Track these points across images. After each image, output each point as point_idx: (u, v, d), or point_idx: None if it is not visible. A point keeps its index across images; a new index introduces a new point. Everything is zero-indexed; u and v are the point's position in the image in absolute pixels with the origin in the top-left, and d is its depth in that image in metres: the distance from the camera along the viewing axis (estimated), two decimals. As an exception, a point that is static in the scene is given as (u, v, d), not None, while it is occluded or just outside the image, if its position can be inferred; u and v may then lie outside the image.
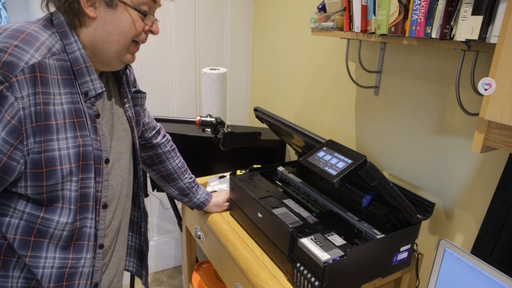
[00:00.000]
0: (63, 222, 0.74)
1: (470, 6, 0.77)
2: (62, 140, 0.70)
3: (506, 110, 0.65)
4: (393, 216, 1.03)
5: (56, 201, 0.73)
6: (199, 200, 1.24)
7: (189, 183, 1.20)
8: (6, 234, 0.71)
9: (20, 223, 0.71)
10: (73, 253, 0.78)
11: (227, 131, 1.30)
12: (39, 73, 0.65)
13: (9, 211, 0.71)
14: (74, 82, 0.72)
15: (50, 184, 0.70)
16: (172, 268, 2.34)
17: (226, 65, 2.13)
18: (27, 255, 0.73)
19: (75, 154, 0.72)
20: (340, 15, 1.15)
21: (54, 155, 0.69)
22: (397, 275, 1.07)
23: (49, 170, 0.69)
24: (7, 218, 0.71)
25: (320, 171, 0.86)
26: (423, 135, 1.18)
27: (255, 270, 1.03)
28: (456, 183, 1.09)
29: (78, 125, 0.73)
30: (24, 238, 0.72)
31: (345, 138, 1.51)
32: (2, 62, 0.61)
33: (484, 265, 0.86)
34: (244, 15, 2.08)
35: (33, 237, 0.73)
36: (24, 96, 0.64)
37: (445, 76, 1.08)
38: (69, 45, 0.71)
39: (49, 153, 0.69)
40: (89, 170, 0.75)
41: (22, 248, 0.73)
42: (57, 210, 0.73)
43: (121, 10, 0.73)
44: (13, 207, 0.71)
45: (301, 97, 1.76)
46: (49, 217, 0.73)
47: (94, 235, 0.80)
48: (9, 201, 0.70)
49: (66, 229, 0.75)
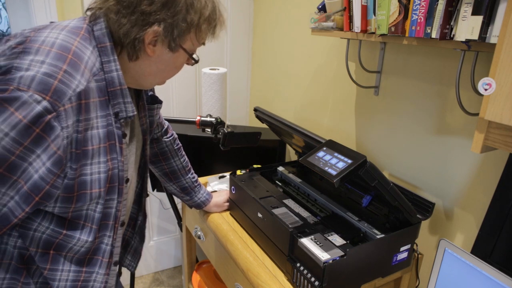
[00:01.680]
0: (83, 239, 0.74)
1: (470, 6, 0.77)
2: (95, 165, 0.69)
3: (506, 110, 0.65)
4: (393, 216, 1.03)
5: (80, 220, 0.73)
6: (199, 200, 1.24)
7: (192, 182, 1.21)
8: (29, 247, 0.71)
9: (42, 236, 0.71)
10: (86, 267, 0.78)
11: (227, 131, 1.30)
12: (84, 100, 0.64)
13: (33, 225, 0.70)
14: (108, 103, 0.70)
15: (78, 206, 0.70)
16: (172, 268, 2.34)
17: (226, 65, 2.13)
18: (46, 268, 0.73)
19: (105, 178, 0.72)
20: (340, 15, 1.15)
21: (86, 179, 0.68)
22: (397, 275, 1.07)
23: (79, 193, 0.69)
24: (31, 232, 0.71)
25: (320, 171, 0.86)
26: (423, 135, 1.18)
27: (255, 270, 1.03)
28: (456, 183, 1.09)
29: (110, 149, 0.72)
30: (44, 251, 0.72)
31: (345, 138, 1.51)
32: (52, 90, 0.58)
33: (484, 265, 0.86)
34: (244, 15, 2.08)
35: (52, 250, 0.73)
36: (69, 125, 0.62)
37: (445, 76, 1.08)
38: (107, 64, 0.69)
39: (82, 177, 0.68)
40: (113, 191, 0.75)
41: (42, 262, 0.73)
42: (79, 227, 0.73)
43: (178, 54, 0.74)
44: (38, 222, 0.70)
45: (301, 97, 1.76)
46: (71, 234, 0.73)
47: (110, 252, 0.80)
48: (35, 217, 0.70)
49: (85, 246, 0.75)
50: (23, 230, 0.70)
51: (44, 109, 0.57)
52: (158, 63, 0.73)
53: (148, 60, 0.72)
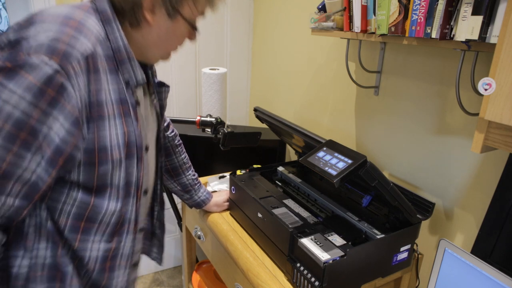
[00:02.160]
0: (111, 208, 0.76)
1: (470, 6, 0.77)
2: (112, 129, 0.71)
3: (506, 110, 0.65)
4: (393, 216, 1.03)
5: (106, 188, 0.75)
6: (199, 198, 1.24)
7: (192, 180, 1.21)
8: (58, 220, 0.74)
9: (72, 209, 0.74)
10: (116, 237, 0.81)
11: (227, 131, 1.30)
12: (92, 63, 0.66)
13: (61, 198, 0.73)
14: (117, 70, 0.73)
15: (101, 172, 0.72)
16: (172, 268, 2.34)
17: (226, 65, 2.13)
18: (77, 238, 0.76)
19: (123, 141, 0.74)
20: (340, 15, 1.15)
21: (106, 143, 0.71)
22: (397, 275, 1.07)
23: (101, 158, 0.71)
24: (60, 204, 0.73)
25: (320, 171, 0.86)
26: (423, 135, 1.18)
27: (255, 270, 1.03)
28: (456, 183, 1.09)
29: (124, 114, 0.74)
30: (75, 223, 0.75)
31: (345, 138, 1.51)
32: (60, 52, 0.61)
33: (484, 265, 0.86)
34: (244, 15, 2.08)
35: (83, 222, 0.75)
36: (81, 86, 0.64)
37: (445, 76, 1.08)
38: (112, 33, 0.71)
39: (101, 141, 0.70)
40: (132, 157, 0.77)
41: (72, 232, 0.75)
42: (106, 195, 0.75)
43: (178, 22, 0.75)
44: (65, 193, 0.73)
45: (301, 97, 1.76)
46: (99, 204, 0.75)
47: (134, 220, 0.83)
48: (62, 189, 0.72)
49: (115, 215, 0.78)
50: (53, 202, 0.72)
51: (54, 71, 0.60)
52: (159, 31, 0.75)
53: (149, 29, 0.74)
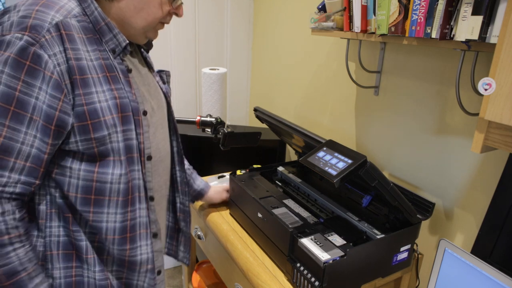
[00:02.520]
0: (117, 174, 0.77)
1: (470, 6, 0.77)
2: (100, 93, 0.73)
3: (506, 110, 0.65)
4: (393, 216, 1.03)
5: (107, 156, 0.76)
6: (199, 187, 1.24)
7: (188, 169, 1.21)
8: (68, 193, 0.75)
9: (79, 182, 0.75)
10: (130, 206, 0.81)
11: (227, 131, 1.30)
12: (64, 31, 0.69)
13: (66, 171, 0.75)
14: (100, 41, 0.75)
15: (98, 137, 0.73)
16: (172, 268, 2.34)
17: (226, 65, 2.13)
18: (90, 211, 0.77)
19: (114, 105, 0.75)
20: (340, 15, 1.15)
21: (96, 107, 0.72)
22: (397, 275, 1.07)
23: (94, 122, 0.73)
24: (67, 178, 0.75)
25: (320, 171, 0.86)
26: (423, 135, 1.18)
27: (255, 270, 1.03)
28: (456, 183, 1.09)
29: (112, 79, 0.76)
30: (85, 197, 0.76)
31: (345, 138, 1.51)
32: (29, 26, 0.65)
33: (484, 265, 0.86)
34: (244, 15, 2.08)
35: (93, 195, 0.76)
36: (56, 53, 0.67)
37: (445, 76, 1.08)
38: (88, 8, 0.74)
39: (91, 105, 0.72)
40: (129, 121, 0.78)
41: (84, 205, 0.76)
42: (109, 163, 0.77)
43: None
44: (69, 166, 0.74)
45: (301, 97, 1.76)
46: (104, 171, 0.76)
47: (143, 186, 0.83)
48: (65, 162, 0.74)
49: (122, 182, 0.78)
50: (59, 177, 0.74)
51: (26, 42, 0.65)
52: (135, 2, 0.76)
53: (126, 0, 0.76)
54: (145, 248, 0.85)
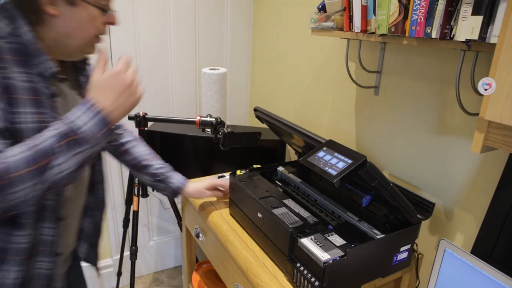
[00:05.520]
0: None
1: (470, 6, 0.77)
2: (28, 114, 0.72)
3: (506, 110, 0.65)
4: (393, 216, 1.03)
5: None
6: (174, 185, 1.21)
7: (161, 167, 1.20)
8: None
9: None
10: (35, 231, 0.81)
11: (227, 131, 1.30)
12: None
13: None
14: (28, 63, 0.74)
15: None
16: (172, 268, 2.34)
17: (226, 65, 2.13)
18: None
19: (36, 129, 0.73)
20: (340, 15, 1.15)
21: (21, 127, 0.72)
22: (397, 275, 1.07)
23: (19, 141, 0.70)
24: None
25: (320, 171, 0.86)
26: (423, 135, 1.18)
27: (255, 270, 1.03)
28: (456, 183, 1.09)
29: (36, 103, 0.74)
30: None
31: (345, 138, 1.51)
32: None
33: (484, 265, 0.86)
34: (244, 15, 2.08)
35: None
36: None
37: (445, 76, 1.08)
38: (18, 29, 0.72)
39: (17, 124, 0.71)
40: None
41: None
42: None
43: (81, 8, 0.75)
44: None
45: (301, 97, 1.76)
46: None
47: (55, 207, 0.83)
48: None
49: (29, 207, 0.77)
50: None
51: None
52: (66, 21, 0.75)
53: (57, 22, 0.74)
54: (46, 264, 0.84)
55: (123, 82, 0.73)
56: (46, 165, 0.65)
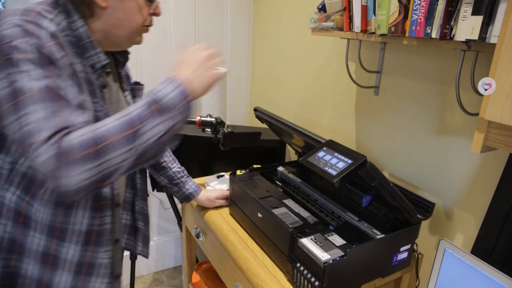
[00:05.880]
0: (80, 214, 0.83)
1: (470, 6, 0.77)
2: (88, 103, 0.78)
3: (506, 110, 0.65)
4: (393, 216, 1.03)
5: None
6: (188, 191, 1.26)
7: (178, 172, 1.24)
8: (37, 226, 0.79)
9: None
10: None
11: (227, 131, 1.30)
12: (60, 39, 0.72)
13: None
14: (82, 55, 0.79)
15: None
16: (172, 268, 2.34)
17: (226, 65, 2.13)
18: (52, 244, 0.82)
19: (94, 118, 0.79)
20: (340, 15, 1.15)
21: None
22: (397, 275, 1.07)
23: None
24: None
25: (320, 171, 0.86)
26: (423, 135, 1.18)
27: (255, 270, 1.03)
28: (456, 183, 1.09)
29: (92, 93, 0.80)
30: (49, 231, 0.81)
31: (345, 138, 1.51)
32: (30, 33, 0.67)
33: (484, 265, 0.86)
34: (244, 15, 2.08)
35: (58, 232, 0.82)
36: (61, 57, 0.71)
37: (445, 76, 1.08)
38: (73, 23, 0.77)
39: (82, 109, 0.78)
40: None
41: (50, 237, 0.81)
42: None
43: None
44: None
45: (301, 97, 1.76)
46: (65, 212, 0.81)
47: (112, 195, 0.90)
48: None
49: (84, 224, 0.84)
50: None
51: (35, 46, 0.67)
52: (115, 13, 0.79)
53: (106, 13, 0.79)
54: (105, 253, 0.88)
55: (200, 56, 0.78)
56: (136, 132, 0.68)
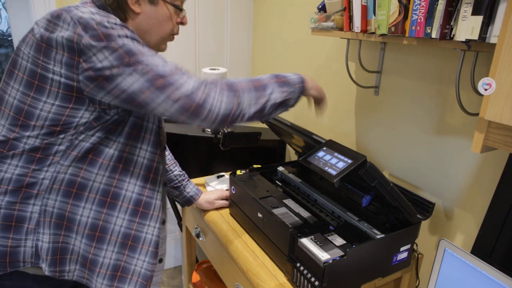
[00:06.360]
0: (145, 148, 0.86)
1: (470, 6, 0.77)
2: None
3: (506, 110, 0.65)
4: (393, 216, 1.03)
5: (141, 131, 0.86)
6: (188, 194, 1.27)
7: (179, 175, 1.25)
8: (104, 160, 0.81)
9: (115, 153, 0.82)
10: (150, 184, 0.88)
11: (227, 131, 1.30)
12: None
13: (110, 143, 0.82)
14: None
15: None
16: (172, 268, 2.34)
17: (226, 65, 2.13)
18: (115, 178, 0.83)
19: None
20: (340, 15, 1.15)
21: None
22: (397, 275, 1.07)
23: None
24: (107, 149, 0.82)
25: (320, 171, 0.86)
26: (423, 135, 1.18)
27: (255, 270, 1.03)
28: (456, 183, 1.09)
29: None
30: (115, 165, 0.83)
31: (345, 138, 1.51)
32: (105, 15, 0.75)
33: (484, 265, 0.86)
34: (244, 15, 2.08)
35: (122, 164, 0.83)
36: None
37: (445, 76, 1.08)
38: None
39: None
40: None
41: (113, 172, 0.83)
42: (139, 138, 0.85)
43: (161, 6, 0.84)
44: (113, 139, 0.82)
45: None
46: (135, 145, 0.85)
47: (160, 170, 0.92)
48: (112, 135, 0.82)
49: (147, 158, 0.87)
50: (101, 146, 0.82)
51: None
52: (147, 19, 0.84)
53: (138, 19, 0.83)
54: (152, 229, 0.88)
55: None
56: (261, 88, 0.82)
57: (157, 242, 0.88)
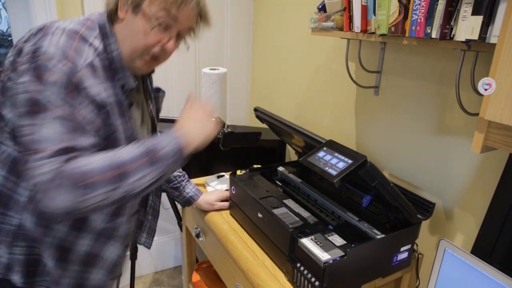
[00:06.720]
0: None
1: (470, 6, 0.77)
2: (118, 126, 0.82)
3: (506, 110, 0.65)
4: (393, 216, 1.03)
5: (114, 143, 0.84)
6: (188, 195, 1.27)
7: (179, 176, 1.25)
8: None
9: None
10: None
11: (227, 131, 1.30)
12: (95, 66, 0.76)
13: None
14: (114, 78, 0.82)
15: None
16: (172, 268, 2.34)
17: (226, 65, 2.13)
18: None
19: (125, 138, 0.85)
20: (340, 15, 1.15)
21: (116, 137, 0.82)
22: (397, 275, 1.07)
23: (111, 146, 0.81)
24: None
25: (320, 171, 0.86)
26: (423, 135, 1.18)
27: (255, 270, 1.03)
28: (456, 183, 1.09)
29: (121, 114, 0.83)
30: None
31: (345, 138, 1.51)
32: (69, 58, 0.72)
33: (484, 265, 0.86)
34: (244, 15, 2.08)
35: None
36: (88, 87, 0.74)
37: (445, 76, 1.08)
38: (109, 46, 0.80)
39: (113, 134, 0.82)
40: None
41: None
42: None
43: (139, 18, 0.79)
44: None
45: (301, 97, 1.76)
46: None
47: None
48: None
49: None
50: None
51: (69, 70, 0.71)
52: (125, 27, 0.81)
53: (120, 25, 0.82)
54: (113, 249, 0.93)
55: (200, 112, 0.88)
56: (123, 176, 0.71)
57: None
